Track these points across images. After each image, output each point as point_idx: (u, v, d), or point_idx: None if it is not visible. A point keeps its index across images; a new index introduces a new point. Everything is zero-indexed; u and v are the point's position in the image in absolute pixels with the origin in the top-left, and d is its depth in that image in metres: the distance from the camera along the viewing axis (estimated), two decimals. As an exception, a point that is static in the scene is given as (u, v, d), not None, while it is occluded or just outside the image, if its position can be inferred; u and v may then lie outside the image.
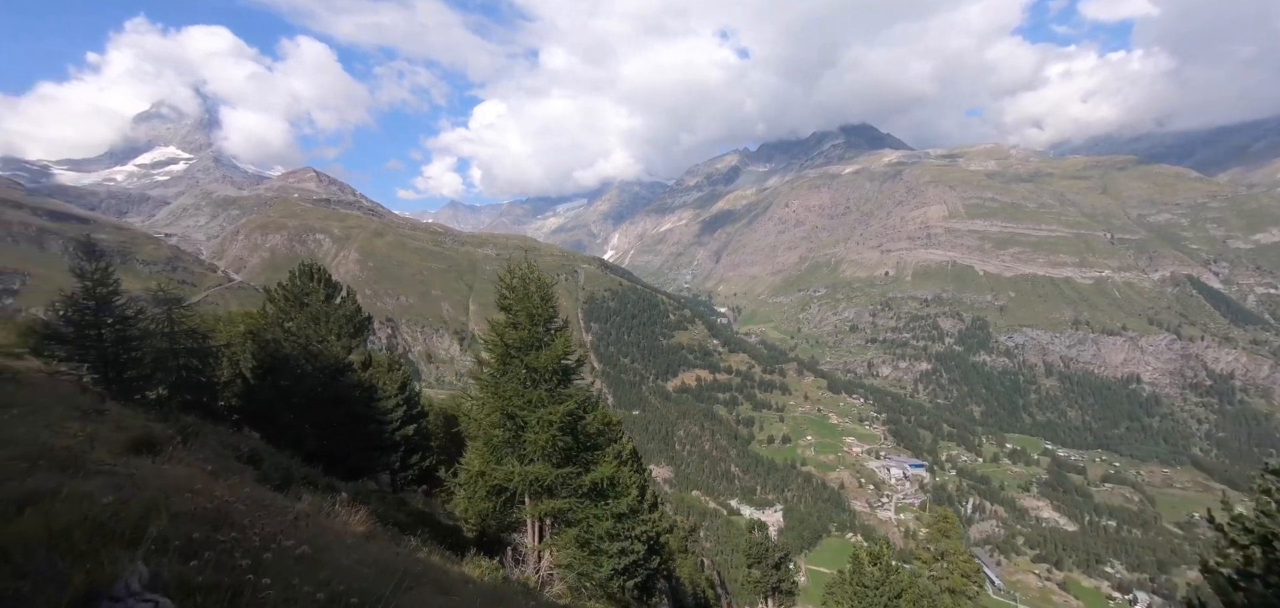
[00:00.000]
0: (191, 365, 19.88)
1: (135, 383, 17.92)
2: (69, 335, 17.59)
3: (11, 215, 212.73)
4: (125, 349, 17.71)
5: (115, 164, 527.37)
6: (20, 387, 12.21)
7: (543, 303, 14.22)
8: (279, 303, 23.65)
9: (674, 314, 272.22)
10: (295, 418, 20.50)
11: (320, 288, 23.92)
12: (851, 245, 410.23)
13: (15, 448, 5.31)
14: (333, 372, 21.32)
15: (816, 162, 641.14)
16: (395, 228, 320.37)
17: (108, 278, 18.35)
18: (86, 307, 17.38)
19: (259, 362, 21.48)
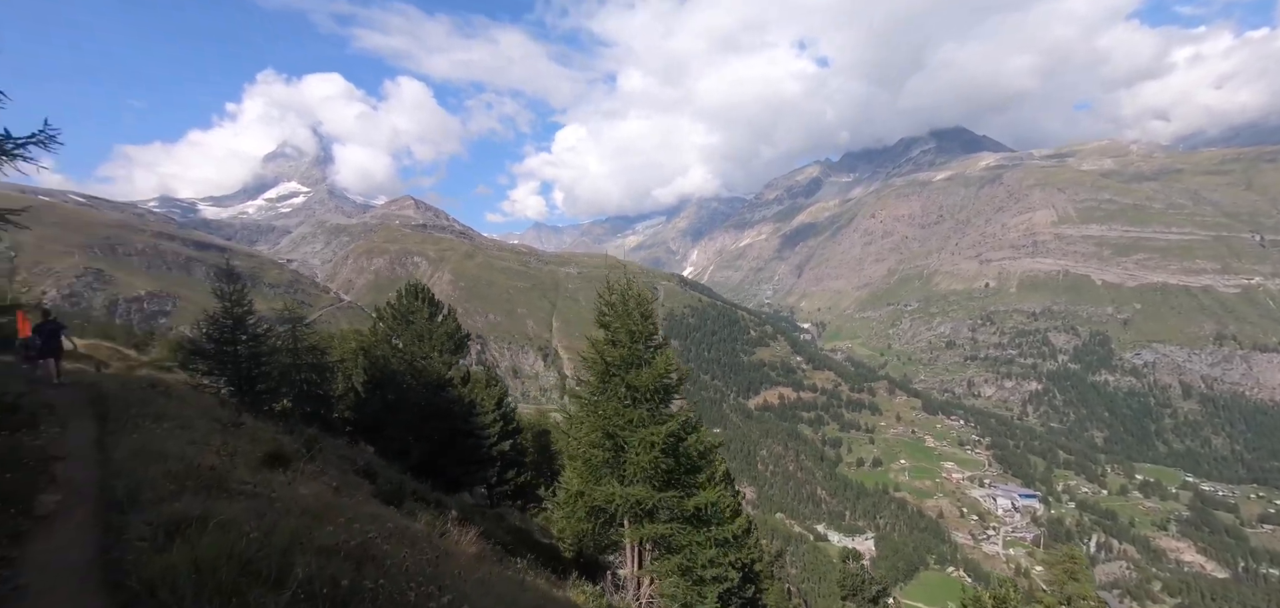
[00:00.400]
0: (311, 380, 21.23)
1: (264, 396, 19.37)
2: (210, 351, 19.17)
3: (166, 246, 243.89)
4: (256, 365, 19.16)
5: (248, 199, 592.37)
6: (171, 399, 13.29)
7: (643, 320, 13.85)
8: (387, 321, 24.66)
9: (755, 330, 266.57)
10: (400, 431, 21.25)
11: (424, 307, 24.72)
12: (946, 256, 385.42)
13: (166, 463, 5.53)
14: (435, 387, 22.05)
15: (904, 169, 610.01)
16: (484, 250, 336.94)
17: (243, 299, 19.79)
18: (225, 325, 18.93)
19: (369, 377, 22.51)
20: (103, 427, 9.17)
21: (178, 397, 14.32)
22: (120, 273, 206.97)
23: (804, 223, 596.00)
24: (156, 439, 7.52)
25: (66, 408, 10.46)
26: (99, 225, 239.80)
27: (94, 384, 14.15)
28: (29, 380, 12.61)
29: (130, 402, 11.65)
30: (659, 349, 14.02)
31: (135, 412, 10.37)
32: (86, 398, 12.12)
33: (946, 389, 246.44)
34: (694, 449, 13.81)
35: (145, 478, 4.99)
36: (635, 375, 13.32)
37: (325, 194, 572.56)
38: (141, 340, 50.82)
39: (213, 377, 18.96)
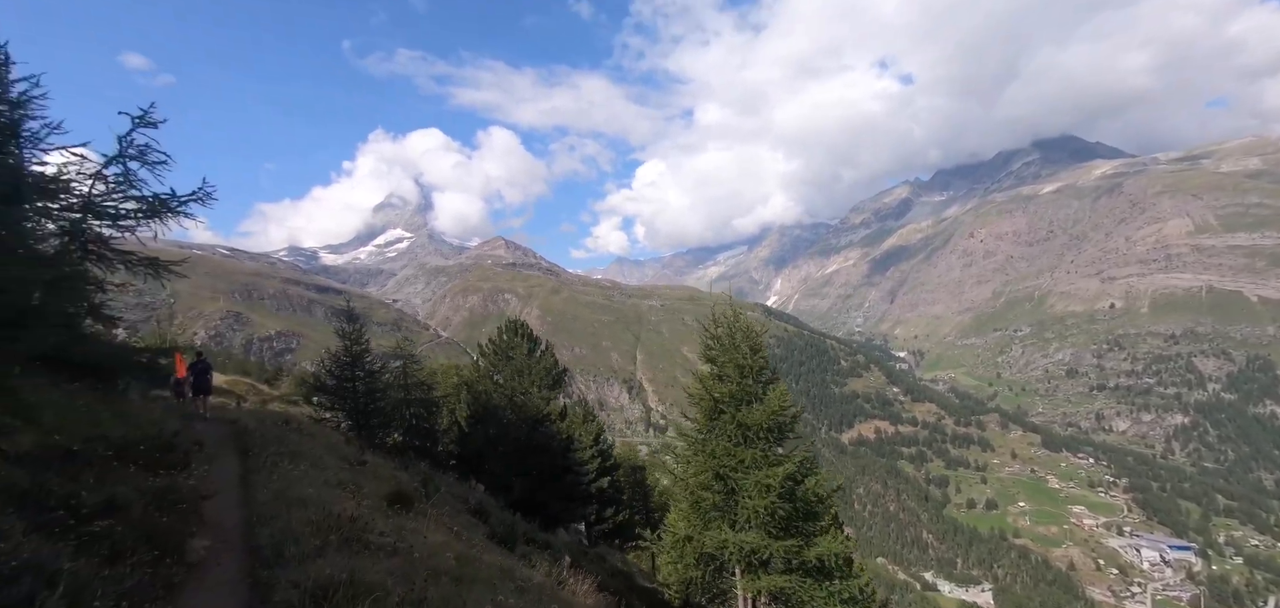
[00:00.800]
0: (418, 415, 22.19)
1: (378, 430, 20.42)
2: (332, 387, 20.43)
3: (292, 291, 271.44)
4: (371, 400, 20.25)
5: (360, 245, 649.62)
6: (301, 436, 14.28)
7: (752, 354, 13.07)
8: (489, 357, 25.20)
9: (846, 360, 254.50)
10: (502, 466, 21.68)
11: (523, 343, 25.04)
12: (1060, 275, 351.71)
13: (306, 510, 5.52)
14: (534, 422, 22.36)
15: (1005, 184, 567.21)
16: (569, 285, 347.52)
17: (360, 338, 20.95)
18: (345, 362, 20.13)
19: (472, 412, 23.13)
20: (245, 463, 9.72)
21: (307, 433, 15.29)
22: (255, 315, 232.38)
23: (894, 246, 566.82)
24: (294, 482, 7.79)
25: (214, 444, 11.31)
26: (239, 274, 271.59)
27: (235, 420, 15.30)
28: (182, 416, 13.77)
29: (268, 438, 12.37)
30: (770, 384, 13.12)
31: (273, 449, 10.97)
32: (230, 433, 13.10)
33: (1070, 423, 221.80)
34: (812, 493, 12.68)
35: (288, 528, 5.02)
36: (746, 413, 12.49)
37: (426, 238, 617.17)
38: (272, 375, 56.03)
39: (333, 411, 20.09)
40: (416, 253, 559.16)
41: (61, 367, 9.69)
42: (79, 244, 10.86)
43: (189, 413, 17.34)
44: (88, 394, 9.36)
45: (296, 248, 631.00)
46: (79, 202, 10.87)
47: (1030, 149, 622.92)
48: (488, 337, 26.62)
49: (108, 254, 11.96)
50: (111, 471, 5.90)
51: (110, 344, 12.80)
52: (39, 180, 10.02)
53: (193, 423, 15.82)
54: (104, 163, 11.18)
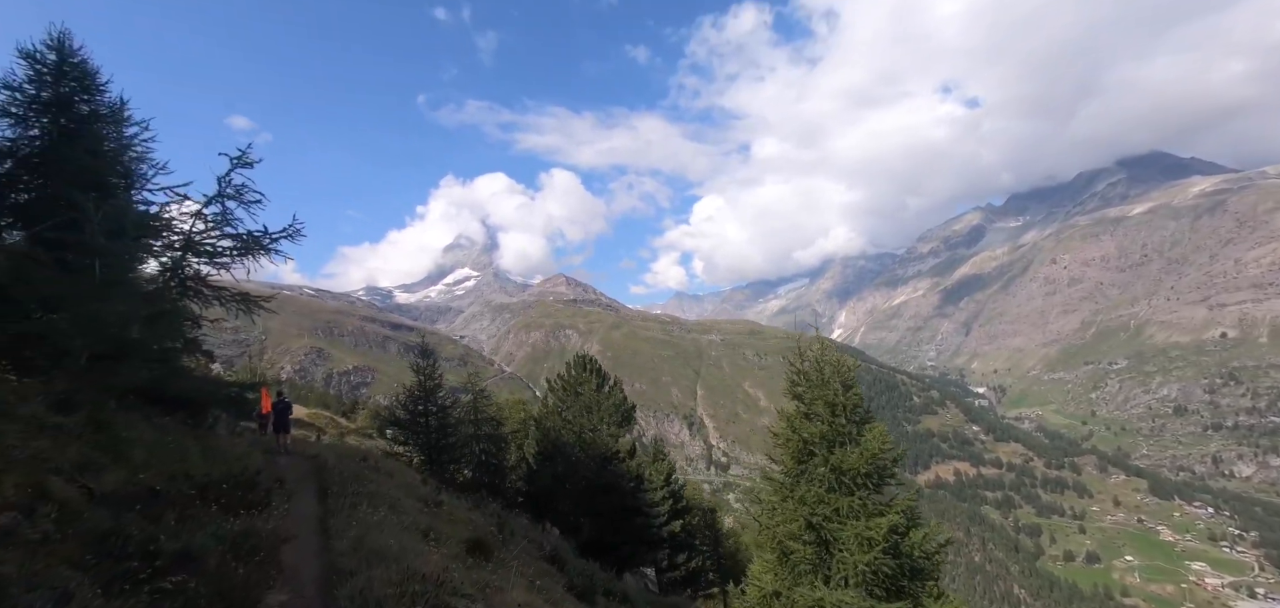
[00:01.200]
0: (488, 450, 22.09)
1: (448, 465, 20.43)
2: (406, 421, 20.59)
3: (370, 328, 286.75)
4: (443, 435, 20.31)
5: (431, 284, 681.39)
6: (378, 474, 14.57)
7: (845, 390, 11.93)
8: (557, 392, 24.70)
9: (919, 396, 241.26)
10: (571, 505, 21.05)
11: (592, 378, 24.45)
12: (1159, 302, 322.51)
13: (387, 568, 5.08)
14: (603, 460, 21.69)
15: (1088, 206, 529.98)
16: (629, 320, 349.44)
17: (434, 373, 21.10)
18: (419, 397, 20.36)
19: (541, 448, 22.72)
20: (324, 504, 9.73)
21: (383, 471, 15.43)
22: (335, 351, 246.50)
23: (967, 275, 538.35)
24: (373, 529, 7.62)
25: (294, 480, 11.48)
26: (322, 312, 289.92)
27: (315, 454, 15.63)
28: (266, 451, 14.17)
29: (346, 476, 12.48)
30: (866, 423, 11.91)
31: (351, 488, 10.98)
32: (310, 468, 13.34)
33: (1182, 467, 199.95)
34: (919, 548, 11.27)
35: (370, 590, 4.60)
36: (841, 456, 11.29)
37: (491, 277, 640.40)
38: (348, 409, 58.51)
39: (406, 445, 20.30)
40: (482, 291, 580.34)
41: (156, 399, 9.98)
42: (178, 280, 11.44)
43: (271, 447, 17.88)
44: (178, 428, 9.46)
45: (373, 287, 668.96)
46: (180, 239, 11.57)
47: (1115, 168, 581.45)
48: (556, 372, 26.11)
49: (204, 290, 12.63)
50: (192, 510, 5.70)
51: (202, 378, 13.87)
52: (143, 218, 10.45)
53: (275, 458, 16.19)
54: (205, 202, 11.81)
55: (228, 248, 12.16)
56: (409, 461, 20.13)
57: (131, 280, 9.90)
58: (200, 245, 11.72)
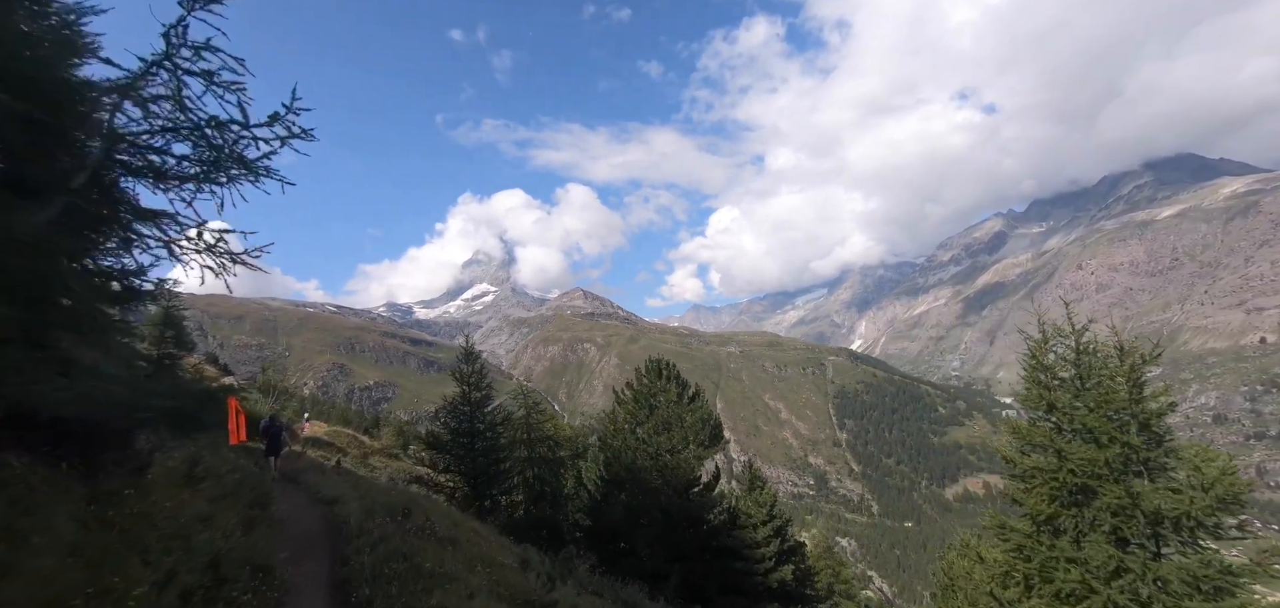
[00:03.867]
0: (541, 476, 19.60)
1: (499, 495, 18.47)
2: (447, 443, 18.28)
3: (389, 343, 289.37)
4: (493, 460, 17.93)
5: (450, 300, 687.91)
6: (433, 538, 10.11)
7: (1133, 394, 9.13)
8: (628, 405, 20.48)
9: (944, 407, 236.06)
10: (649, 546, 17.30)
11: (671, 386, 20.42)
12: (1192, 307, 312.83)
13: None
14: (684, 488, 18.11)
15: (1114, 210, 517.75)
16: (647, 333, 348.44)
17: (481, 382, 18.60)
18: (463, 412, 18.12)
19: (611, 473, 18.88)
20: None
21: (441, 533, 10.45)
22: (357, 366, 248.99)
23: (990, 283, 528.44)
24: None
25: (297, 550, 7.94)
26: (344, 329, 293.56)
27: (332, 501, 10.96)
28: (254, 498, 12.51)
29: (380, 546, 8.14)
30: (1170, 446, 8.92)
31: (390, 574, 7.31)
32: (321, 530, 9.39)
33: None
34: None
35: None
36: (1149, 494, 8.01)
37: (509, 292, 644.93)
38: (370, 424, 58.28)
39: (449, 473, 17.88)
40: (500, 306, 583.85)
41: (25, 423, 4.79)
42: (87, 201, 5.45)
43: (266, 476, 16.25)
44: (46, 486, 4.67)
45: (394, 304, 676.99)
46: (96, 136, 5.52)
47: (1141, 171, 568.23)
48: (625, 380, 22.05)
49: (138, 227, 6.33)
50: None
51: (116, 382, 5.47)
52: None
53: (268, 505, 13.91)
54: (141, 70, 5.75)
55: (185, 158, 6.11)
56: (451, 492, 17.84)
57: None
58: (134, 146, 5.82)
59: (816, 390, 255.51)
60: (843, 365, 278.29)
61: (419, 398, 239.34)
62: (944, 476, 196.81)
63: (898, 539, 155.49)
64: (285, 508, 10.00)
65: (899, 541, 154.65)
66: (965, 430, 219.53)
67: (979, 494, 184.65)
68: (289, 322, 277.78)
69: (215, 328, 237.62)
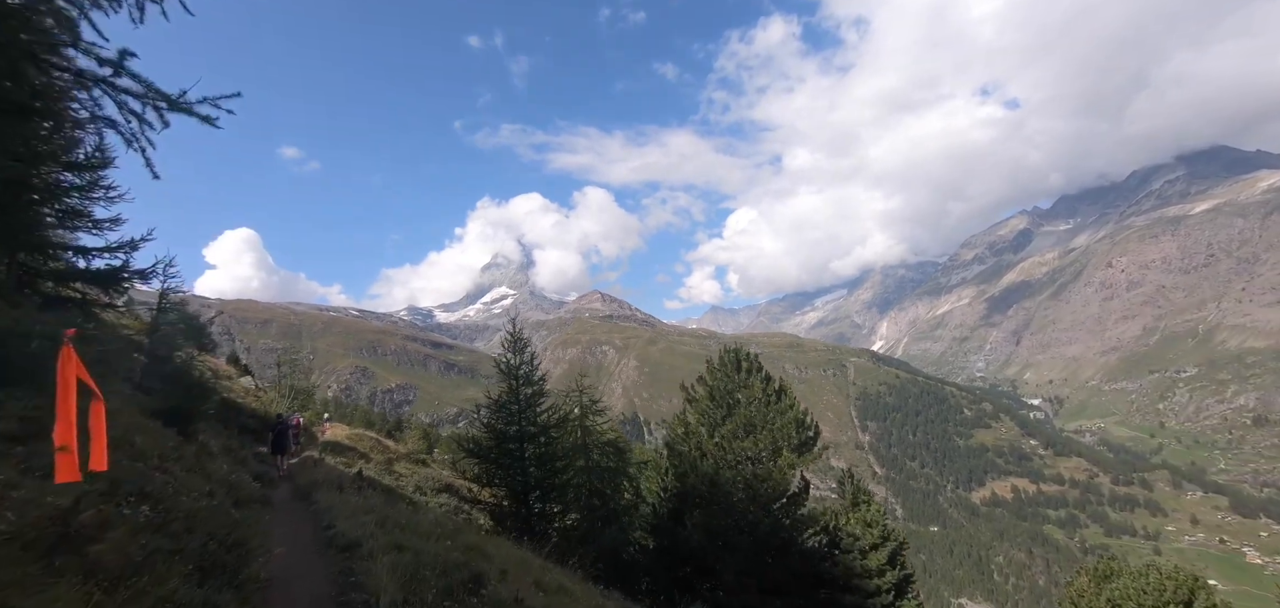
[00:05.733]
0: (596, 487, 16.80)
1: (552, 513, 15.69)
2: (491, 450, 15.55)
3: (410, 347, 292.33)
4: (548, 470, 15.24)
5: (470, 304, 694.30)
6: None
7: None
8: (701, 404, 17.67)
9: (970, 408, 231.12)
10: (736, 574, 14.50)
11: (755, 380, 17.62)
12: (1229, 305, 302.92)
13: None
14: (774, 502, 15.27)
15: (1145, 205, 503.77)
16: (665, 335, 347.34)
17: (533, 375, 16.01)
18: (511, 411, 15.41)
19: (684, 486, 15.86)
20: None
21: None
22: (379, 369, 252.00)
23: (1016, 282, 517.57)
24: None
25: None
26: (367, 332, 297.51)
27: (351, 547, 7.21)
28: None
29: None
30: None
31: None
32: (332, 589, 6.32)
33: (1266, 482, 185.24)
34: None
35: None
36: None
37: (528, 295, 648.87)
38: (392, 426, 58.33)
39: (493, 486, 15.43)
40: (519, 308, 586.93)
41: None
42: None
43: (273, 473, 15.44)
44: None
45: (415, 308, 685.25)
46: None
47: (1173, 164, 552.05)
48: (697, 375, 19.28)
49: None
50: None
51: None
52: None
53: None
54: None
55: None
56: (494, 508, 15.32)
57: None
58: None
59: (838, 392, 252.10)
60: (864, 367, 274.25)
61: (440, 401, 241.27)
62: (970, 479, 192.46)
63: (923, 544, 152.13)
64: (282, 557, 6.83)
65: (924, 545, 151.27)
66: (992, 433, 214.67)
67: (1007, 499, 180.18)
68: (314, 326, 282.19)
69: (242, 332, 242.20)
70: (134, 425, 8.86)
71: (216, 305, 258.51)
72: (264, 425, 22.39)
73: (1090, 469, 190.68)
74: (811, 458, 16.54)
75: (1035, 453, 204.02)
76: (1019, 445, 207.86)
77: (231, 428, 20.75)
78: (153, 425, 10.05)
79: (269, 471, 15.64)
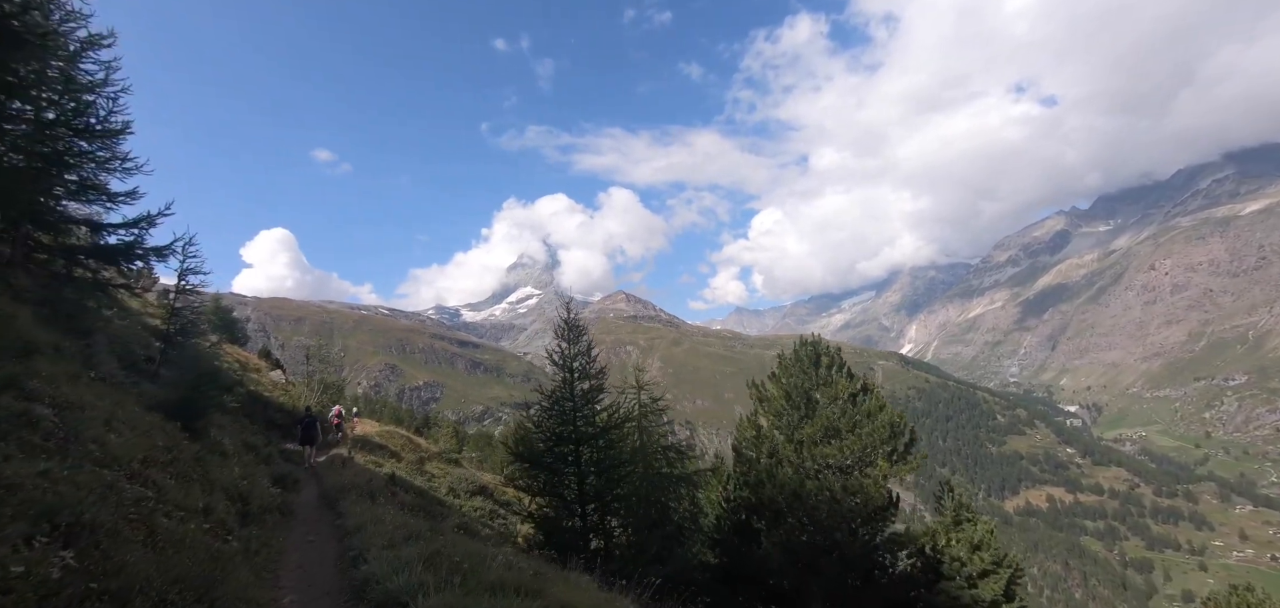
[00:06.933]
0: (654, 498, 15.05)
1: (610, 527, 13.86)
2: (543, 455, 13.77)
3: (438, 345, 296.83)
4: (608, 479, 13.36)
5: (496, 303, 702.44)
6: None
7: None
8: (774, 404, 15.93)
9: (1003, 415, 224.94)
10: (821, 604, 12.76)
11: (839, 377, 15.87)
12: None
13: None
14: (867, 519, 13.17)
15: (1190, 206, 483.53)
16: (690, 336, 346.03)
17: (590, 366, 14.13)
18: (566, 408, 13.65)
19: (757, 497, 14.00)
20: None
21: None
22: (407, 367, 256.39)
23: (1052, 284, 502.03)
24: None
25: None
26: (395, 330, 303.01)
27: (381, 589, 5.58)
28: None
29: None
30: None
31: None
32: None
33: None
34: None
35: None
36: None
37: (553, 294, 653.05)
38: (422, 423, 59.02)
39: (543, 496, 13.73)
40: (544, 308, 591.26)
41: None
42: None
43: (303, 466, 15.13)
44: None
45: (442, 306, 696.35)
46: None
47: (1221, 163, 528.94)
48: (768, 372, 17.58)
49: None
50: None
51: None
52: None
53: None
54: None
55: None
56: (542, 520, 13.56)
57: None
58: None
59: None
60: (893, 370, 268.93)
61: (466, 398, 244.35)
62: (1004, 487, 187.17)
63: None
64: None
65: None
66: (1026, 440, 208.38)
67: (1042, 508, 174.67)
68: (345, 323, 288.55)
69: (277, 329, 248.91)
70: (120, 420, 7.63)
71: (252, 303, 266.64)
72: (292, 420, 22.27)
73: (1131, 480, 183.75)
74: (910, 468, 14.80)
75: (1072, 461, 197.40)
76: (1055, 454, 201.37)
77: (258, 422, 20.49)
78: (149, 420, 8.89)
79: (295, 469, 14.96)
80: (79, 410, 6.72)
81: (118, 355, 13.57)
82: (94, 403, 7.54)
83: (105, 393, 8.90)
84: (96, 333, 12.81)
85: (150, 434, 7.91)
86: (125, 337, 15.85)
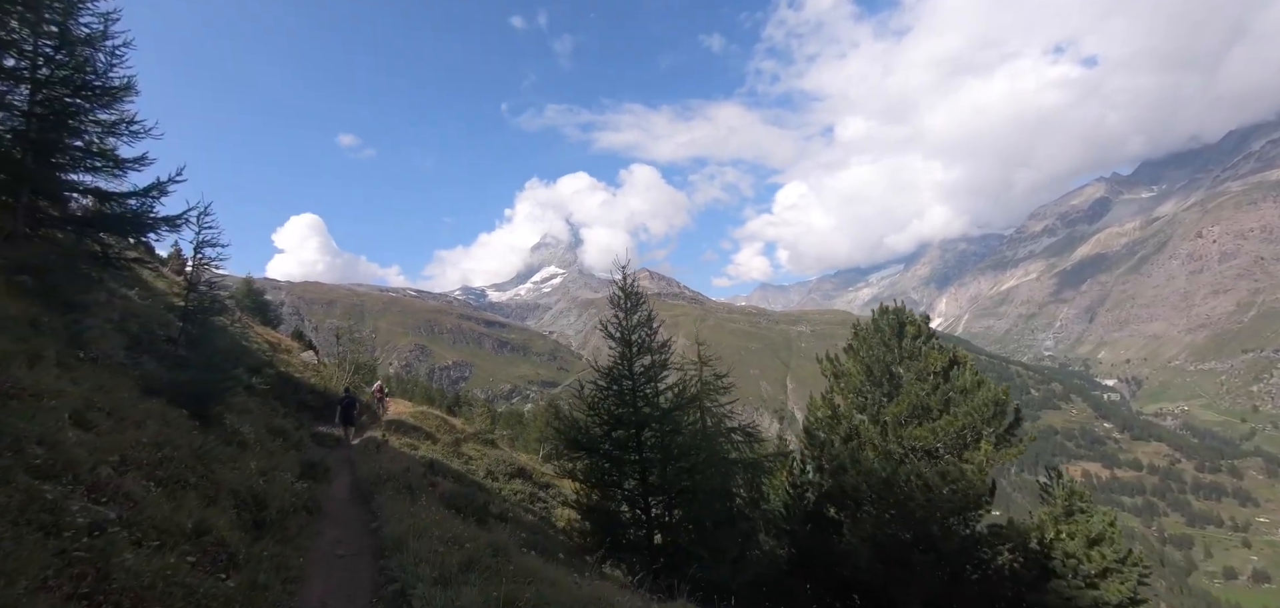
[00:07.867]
0: (722, 487, 13.46)
1: (674, 521, 12.25)
2: (601, 442, 12.26)
3: (465, 326, 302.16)
4: (673, 469, 11.78)
5: (520, 283, 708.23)
6: None
7: None
8: (851, 380, 14.63)
9: (1037, 389, 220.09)
10: (917, 605, 11.50)
11: (927, 350, 14.32)
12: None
13: None
14: (962, 509, 11.94)
15: (1241, 170, 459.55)
16: (714, 313, 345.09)
17: (651, 344, 12.60)
18: (624, 387, 12.17)
19: (837, 484, 12.67)
20: None
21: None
22: (436, 347, 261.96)
23: (1090, 255, 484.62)
24: None
25: None
26: (424, 312, 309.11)
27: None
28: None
29: None
30: None
31: None
32: None
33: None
34: None
35: None
36: None
37: (577, 273, 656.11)
38: (453, 403, 60.27)
39: (604, 486, 12.31)
40: (568, 287, 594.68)
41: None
42: None
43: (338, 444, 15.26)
44: None
45: (468, 287, 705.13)
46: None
47: (1276, 122, 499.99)
48: (845, 343, 15.97)
49: None
50: None
51: None
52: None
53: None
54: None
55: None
56: (589, 508, 12.20)
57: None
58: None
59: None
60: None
61: (494, 378, 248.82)
62: (1037, 462, 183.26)
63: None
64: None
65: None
66: (1062, 414, 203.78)
67: (1078, 483, 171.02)
68: (375, 306, 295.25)
69: (310, 312, 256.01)
70: (99, 409, 6.59)
71: (285, 287, 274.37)
72: (325, 401, 22.03)
73: (1172, 455, 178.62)
74: (1017, 452, 13.48)
75: (1109, 437, 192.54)
76: (1091, 428, 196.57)
77: (288, 405, 19.75)
78: (144, 408, 7.85)
79: (328, 455, 14.40)
80: (33, 400, 5.58)
81: (131, 335, 12.75)
82: (65, 390, 6.42)
83: (89, 377, 7.93)
84: (95, 309, 11.68)
85: (142, 426, 6.84)
86: (146, 316, 15.21)
